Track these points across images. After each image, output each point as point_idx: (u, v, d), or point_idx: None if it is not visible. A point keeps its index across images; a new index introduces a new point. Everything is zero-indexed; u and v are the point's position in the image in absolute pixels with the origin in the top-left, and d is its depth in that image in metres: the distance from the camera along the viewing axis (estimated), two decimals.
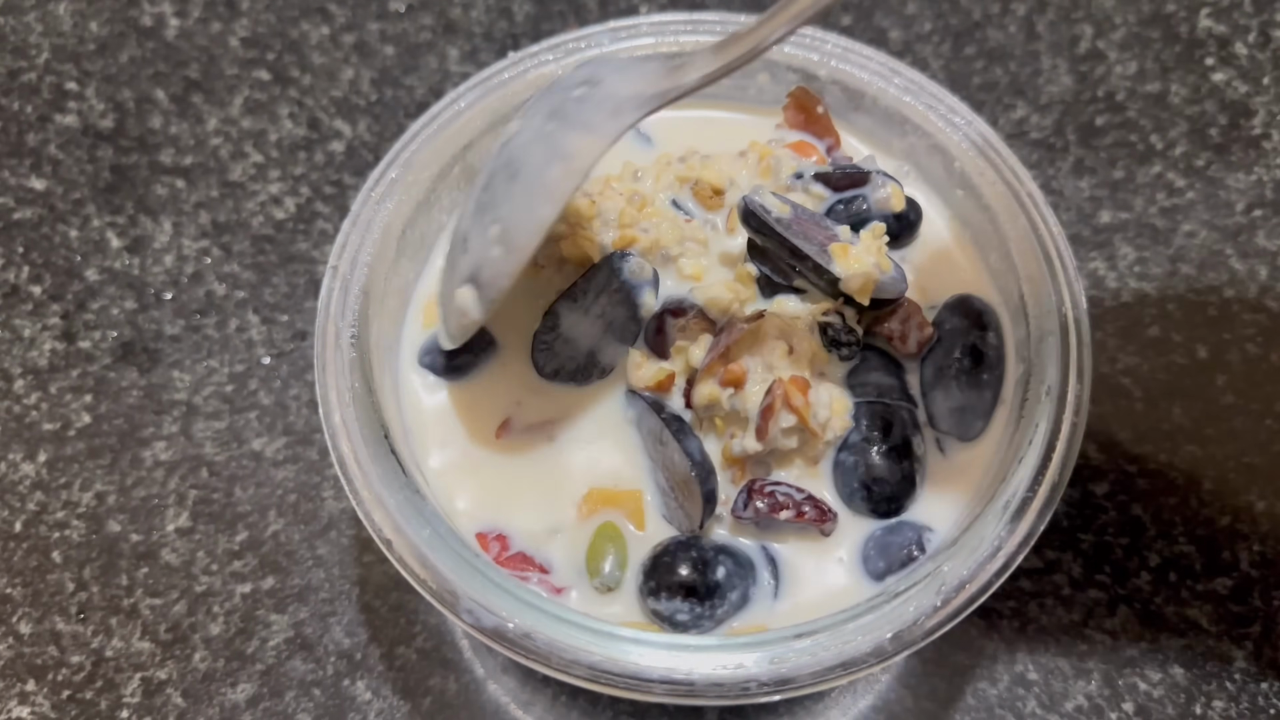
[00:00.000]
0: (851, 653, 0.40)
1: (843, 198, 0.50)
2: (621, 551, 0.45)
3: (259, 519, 0.59)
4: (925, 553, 0.45)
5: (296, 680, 0.55)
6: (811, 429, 0.44)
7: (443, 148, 0.51)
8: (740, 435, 0.45)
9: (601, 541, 0.46)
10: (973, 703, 0.55)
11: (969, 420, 0.47)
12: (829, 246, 0.46)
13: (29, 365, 0.64)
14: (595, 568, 0.45)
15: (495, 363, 0.49)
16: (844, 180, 0.50)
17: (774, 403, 0.43)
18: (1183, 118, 0.72)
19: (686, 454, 0.44)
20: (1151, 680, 0.55)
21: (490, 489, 0.47)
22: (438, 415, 0.49)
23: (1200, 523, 0.59)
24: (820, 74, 0.53)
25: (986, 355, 0.47)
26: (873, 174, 0.50)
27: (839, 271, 0.45)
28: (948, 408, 0.47)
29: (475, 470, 0.47)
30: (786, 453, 0.45)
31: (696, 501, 0.43)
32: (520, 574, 0.45)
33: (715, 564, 0.44)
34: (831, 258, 0.45)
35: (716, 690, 0.40)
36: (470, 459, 0.47)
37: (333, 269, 0.48)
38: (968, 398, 0.47)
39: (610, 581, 0.45)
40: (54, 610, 0.57)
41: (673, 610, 0.43)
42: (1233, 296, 0.66)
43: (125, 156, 0.71)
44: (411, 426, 0.48)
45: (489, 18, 0.76)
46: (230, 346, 0.64)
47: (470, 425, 0.48)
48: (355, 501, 0.43)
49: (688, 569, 0.44)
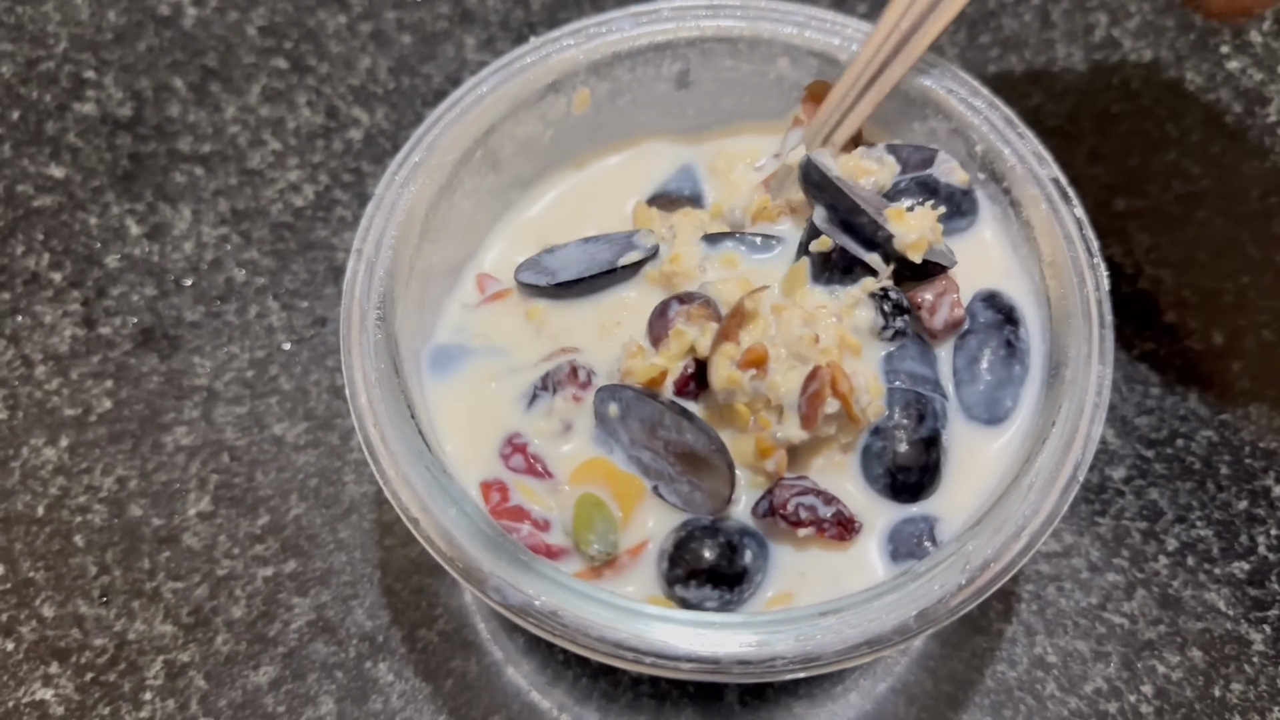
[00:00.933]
0: (877, 630, 0.40)
1: (913, 176, 0.50)
2: (609, 520, 0.45)
3: (280, 503, 0.59)
4: (936, 544, 0.45)
5: (319, 663, 0.55)
6: (854, 415, 0.44)
7: (465, 132, 0.51)
8: (773, 424, 0.44)
9: (586, 511, 0.45)
10: (991, 685, 0.55)
11: (997, 407, 0.47)
12: (884, 210, 0.46)
13: (50, 351, 0.64)
14: (584, 539, 0.45)
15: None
16: (914, 156, 0.50)
17: (821, 389, 0.43)
18: (1198, 105, 0.72)
19: (701, 430, 0.44)
20: (1170, 663, 0.55)
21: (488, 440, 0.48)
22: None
23: (1217, 507, 0.59)
24: (841, 58, 0.53)
25: (1018, 348, 0.48)
26: (938, 152, 0.51)
27: (894, 230, 0.46)
28: (978, 395, 0.47)
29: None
30: (822, 440, 0.45)
31: (723, 477, 0.43)
32: (513, 525, 0.45)
33: (742, 548, 0.44)
34: (887, 219, 0.46)
35: (743, 668, 0.40)
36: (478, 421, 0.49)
37: (357, 252, 0.48)
38: (999, 387, 0.47)
39: (602, 555, 0.45)
40: (77, 593, 0.57)
41: (701, 598, 0.44)
42: (1248, 283, 0.66)
43: (144, 145, 0.71)
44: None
45: (505, 6, 0.76)
46: (250, 333, 0.64)
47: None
48: (382, 481, 0.43)
49: (715, 554, 0.44)
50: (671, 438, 0.44)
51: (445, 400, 0.49)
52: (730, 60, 0.55)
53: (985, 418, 0.47)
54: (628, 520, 0.46)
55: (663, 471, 0.45)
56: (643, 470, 0.46)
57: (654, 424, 0.45)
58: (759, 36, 0.54)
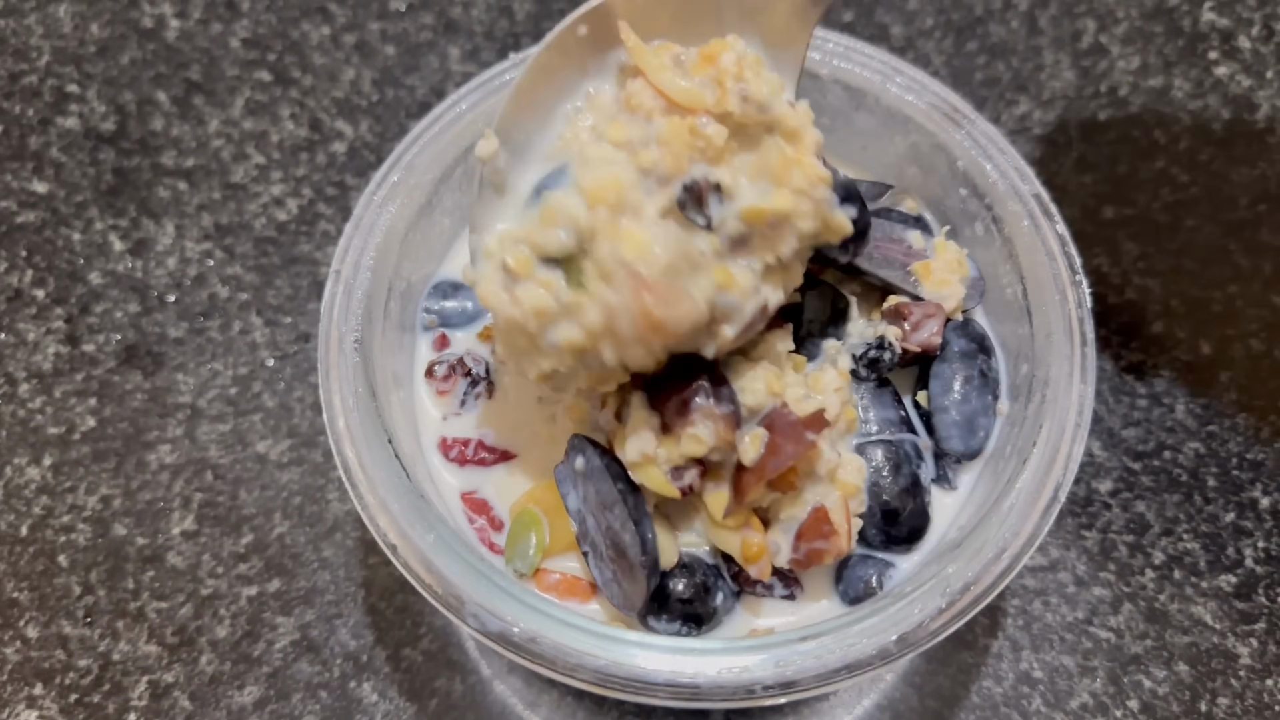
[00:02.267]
0: (856, 655, 0.40)
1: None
2: (538, 543, 0.45)
3: (264, 522, 0.59)
4: (883, 589, 0.45)
5: (303, 682, 0.55)
6: (837, 536, 0.43)
7: (445, 150, 0.51)
8: (768, 548, 0.43)
9: (518, 530, 0.46)
10: (977, 701, 0.55)
11: (972, 436, 0.47)
12: (912, 267, 0.47)
13: (33, 369, 0.64)
14: (509, 553, 0.46)
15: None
16: (870, 191, 0.52)
17: (814, 527, 0.43)
18: (1186, 112, 0.72)
19: (640, 540, 0.42)
20: (1156, 678, 0.55)
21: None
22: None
23: (1205, 519, 0.59)
24: (822, 73, 0.53)
25: (989, 377, 0.48)
26: (891, 188, 0.52)
27: (927, 294, 0.47)
28: (952, 425, 0.47)
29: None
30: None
31: (640, 588, 0.42)
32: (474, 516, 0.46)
33: (715, 589, 0.44)
34: (919, 280, 0.47)
35: (721, 693, 0.40)
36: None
37: (335, 273, 0.48)
38: (972, 416, 0.47)
39: (523, 569, 0.45)
40: (61, 614, 0.57)
41: (672, 631, 0.44)
42: (1236, 292, 0.66)
43: (127, 159, 0.71)
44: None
45: (490, 16, 0.76)
46: (234, 349, 0.64)
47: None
48: (360, 507, 0.43)
49: (690, 594, 0.44)
50: (613, 527, 0.42)
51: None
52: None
53: (961, 444, 0.47)
54: (555, 552, 0.46)
55: (597, 545, 0.44)
56: (581, 531, 0.44)
57: (606, 504, 0.43)
58: None
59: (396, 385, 0.49)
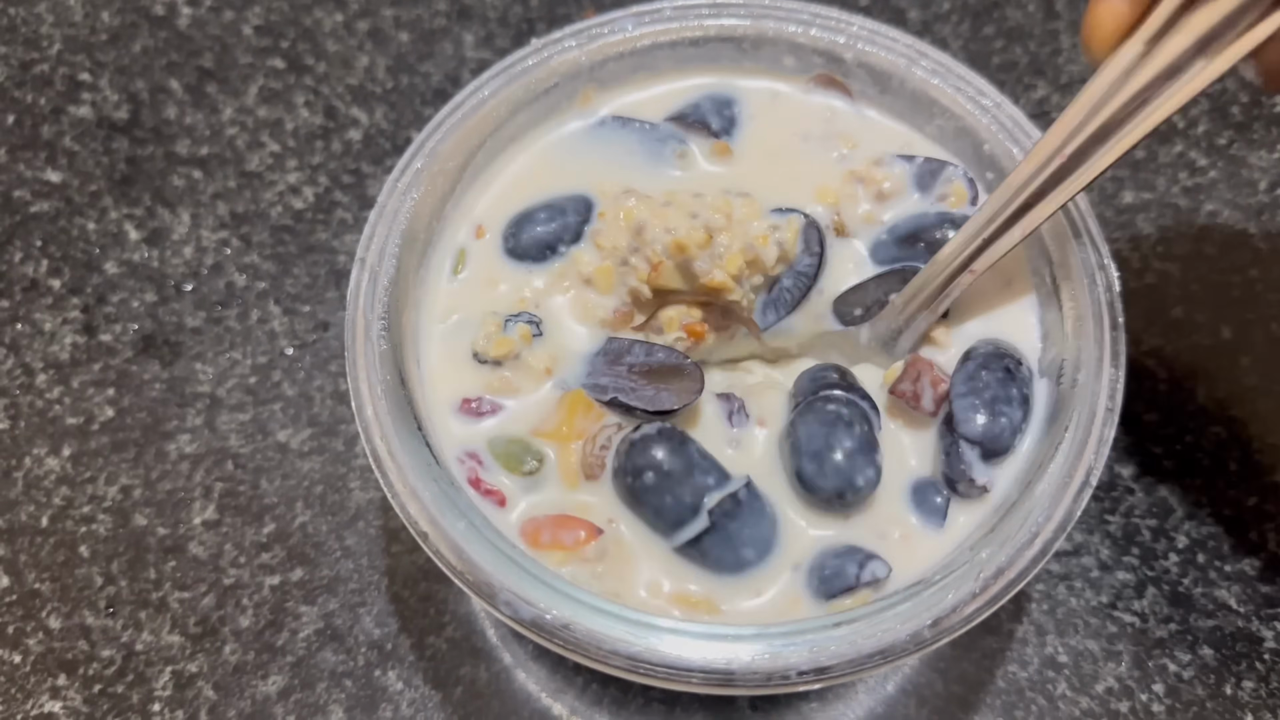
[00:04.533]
0: (890, 640, 0.40)
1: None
2: (529, 450, 0.46)
3: (286, 510, 0.59)
4: (862, 581, 0.43)
5: (327, 671, 0.55)
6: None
7: (467, 137, 0.51)
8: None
9: (507, 452, 0.46)
10: (1003, 686, 0.55)
11: (1000, 442, 0.45)
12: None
13: (50, 359, 0.64)
14: (517, 469, 0.46)
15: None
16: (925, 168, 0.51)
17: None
18: (1204, 95, 0.71)
19: (670, 349, 0.48)
20: (1181, 661, 0.55)
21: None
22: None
23: (1227, 503, 0.59)
24: (846, 57, 0.52)
25: (1015, 374, 0.46)
26: (946, 166, 0.51)
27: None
28: (979, 424, 0.45)
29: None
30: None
31: (696, 378, 0.46)
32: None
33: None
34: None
35: (755, 680, 0.40)
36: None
37: (360, 261, 0.47)
38: (993, 401, 0.45)
39: (535, 469, 0.46)
40: (83, 605, 0.57)
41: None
42: (1256, 276, 0.65)
43: (141, 148, 0.70)
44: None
45: (504, 2, 0.76)
46: (252, 338, 0.64)
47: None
48: (390, 495, 0.43)
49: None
50: (638, 361, 0.46)
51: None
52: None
53: (987, 443, 0.45)
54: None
55: (622, 387, 0.46)
56: (598, 391, 0.47)
57: (619, 355, 0.47)
58: (763, 35, 0.53)
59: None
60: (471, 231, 0.52)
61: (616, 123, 0.53)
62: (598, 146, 0.53)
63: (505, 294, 0.50)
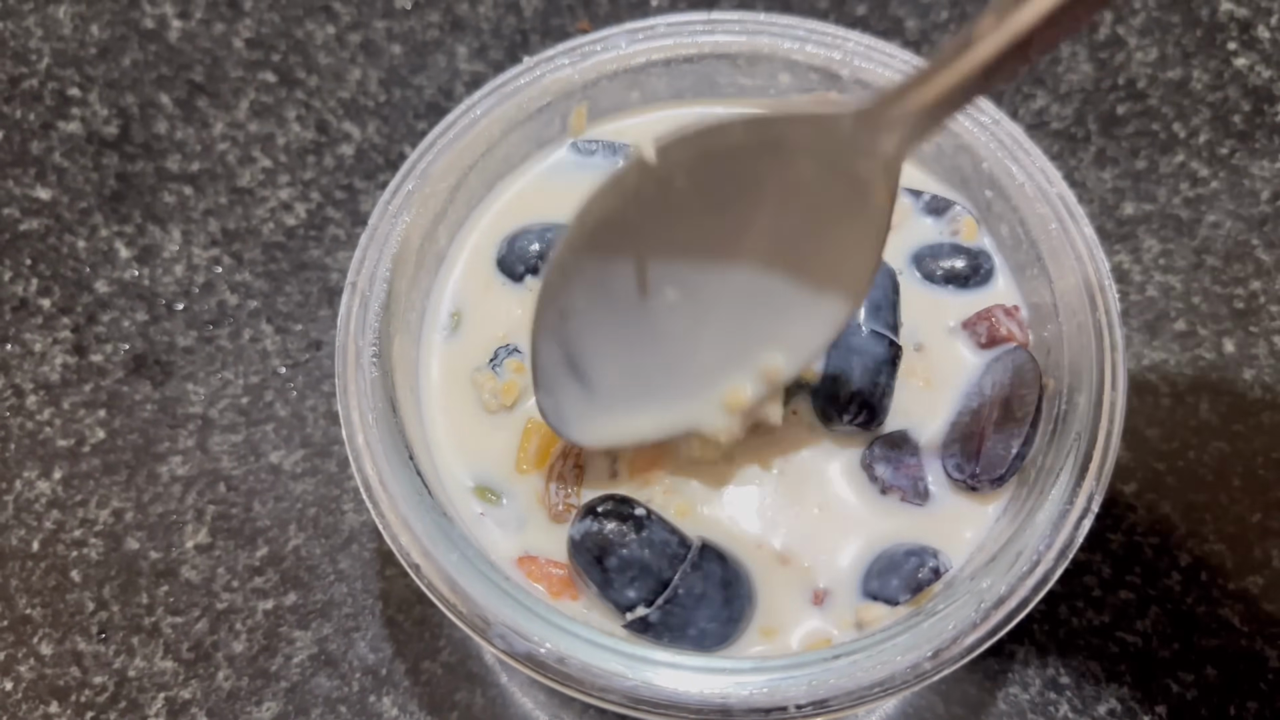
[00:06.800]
0: (889, 671, 0.39)
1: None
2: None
3: (279, 534, 0.58)
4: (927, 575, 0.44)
5: (322, 697, 0.55)
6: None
7: (459, 158, 0.50)
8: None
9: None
10: (1004, 708, 0.54)
11: (994, 470, 0.45)
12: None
13: (41, 380, 0.63)
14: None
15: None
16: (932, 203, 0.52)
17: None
18: (1205, 105, 0.70)
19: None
20: (1185, 682, 0.55)
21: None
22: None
23: (1230, 520, 0.58)
24: (843, 74, 0.52)
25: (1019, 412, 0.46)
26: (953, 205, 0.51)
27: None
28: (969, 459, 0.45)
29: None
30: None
31: None
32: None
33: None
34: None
35: (753, 714, 0.39)
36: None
37: (351, 285, 0.47)
38: (996, 451, 0.45)
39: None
40: (75, 630, 0.56)
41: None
42: (1259, 288, 0.65)
43: (131, 164, 0.70)
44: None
45: (497, 13, 0.75)
46: (244, 357, 0.63)
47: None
48: (381, 525, 0.42)
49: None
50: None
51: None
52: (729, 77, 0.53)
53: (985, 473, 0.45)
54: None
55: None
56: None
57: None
58: (758, 52, 0.52)
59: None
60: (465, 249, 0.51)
61: (608, 148, 0.53)
62: (590, 173, 0.53)
63: (499, 316, 0.50)
